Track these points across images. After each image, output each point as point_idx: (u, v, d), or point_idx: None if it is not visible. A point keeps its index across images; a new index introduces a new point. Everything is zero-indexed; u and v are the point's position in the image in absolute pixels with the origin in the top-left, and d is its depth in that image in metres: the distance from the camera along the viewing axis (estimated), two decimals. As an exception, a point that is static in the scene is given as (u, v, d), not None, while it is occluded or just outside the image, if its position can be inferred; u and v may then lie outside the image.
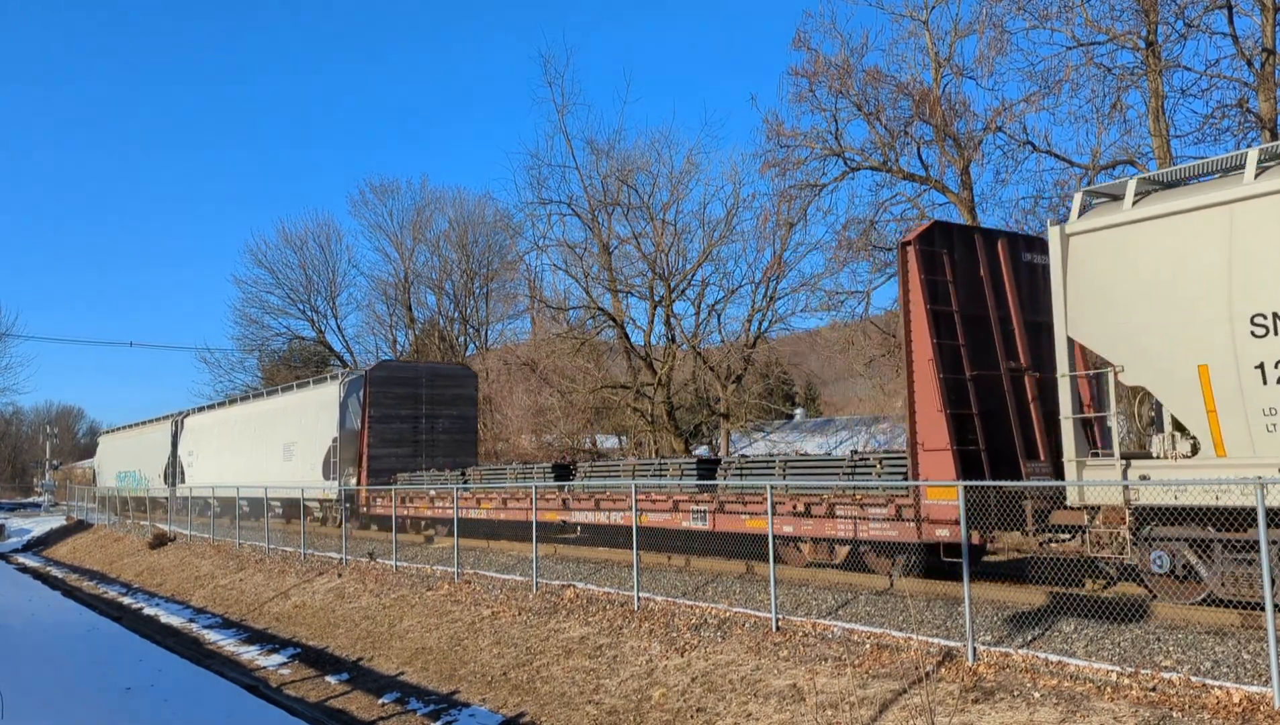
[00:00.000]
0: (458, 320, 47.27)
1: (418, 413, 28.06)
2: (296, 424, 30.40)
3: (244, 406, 36.32)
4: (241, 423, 35.14)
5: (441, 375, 29.51)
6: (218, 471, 34.97)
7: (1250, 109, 19.18)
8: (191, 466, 38.88)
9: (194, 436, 39.59)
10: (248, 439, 33.97)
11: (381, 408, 27.46)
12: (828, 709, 9.07)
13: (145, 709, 11.66)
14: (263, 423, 33.12)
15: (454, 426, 29.04)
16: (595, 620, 13.39)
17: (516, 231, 41.56)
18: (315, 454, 28.68)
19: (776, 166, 26.39)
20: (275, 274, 50.40)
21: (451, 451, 28.42)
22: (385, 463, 27.05)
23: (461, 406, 29.51)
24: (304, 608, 19.08)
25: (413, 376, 28.57)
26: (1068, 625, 10.12)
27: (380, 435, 27.43)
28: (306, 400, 30.41)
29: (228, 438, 36.07)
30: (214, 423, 37.89)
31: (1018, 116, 22.53)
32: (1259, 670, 8.20)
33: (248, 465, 32.37)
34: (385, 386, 27.70)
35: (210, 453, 37.21)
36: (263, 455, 32.04)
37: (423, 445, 28.04)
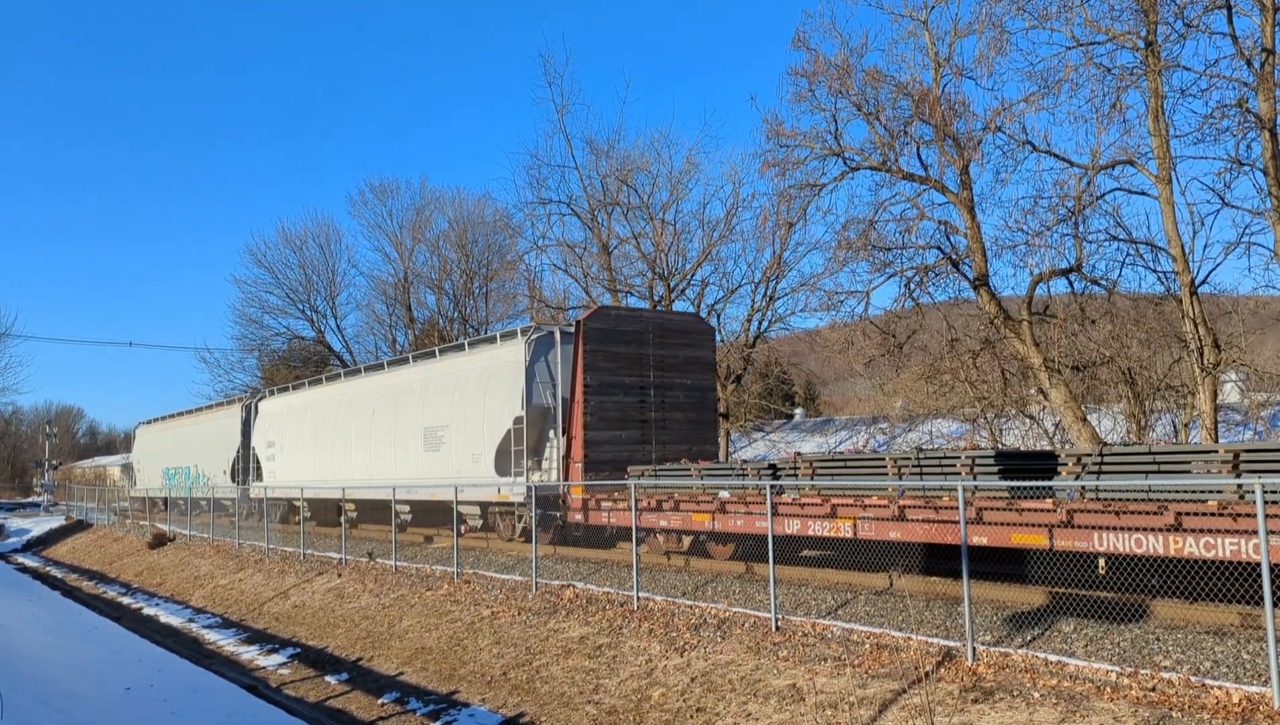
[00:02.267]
0: (457, 320, 47.25)
1: (644, 381, 19.93)
2: (447, 401, 23.00)
3: (354, 382, 28.86)
4: (351, 404, 27.69)
5: (672, 330, 20.76)
6: (312, 466, 28.85)
7: (1250, 109, 19.17)
8: (272, 460, 31.93)
9: (274, 424, 32.57)
10: (361, 424, 26.75)
11: (600, 373, 19.13)
12: (827, 709, 9.06)
13: (145, 709, 11.65)
14: (388, 402, 25.66)
15: (689, 401, 20.71)
16: (595, 620, 13.39)
17: (516, 231, 41.57)
18: (482, 441, 21.35)
19: (776, 166, 26.34)
20: (275, 274, 50.38)
21: (687, 437, 20.44)
22: (606, 452, 18.98)
23: (696, 373, 20.98)
24: (303, 608, 19.07)
25: (638, 330, 19.99)
26: (1067, 625, 10.12)
27: (600, 412, 19.12)
28: (465, 368, 22.89)
29: (328, 424, 28.80)
30: (305, 405, 30.61)
31: (1017, 116, 22.51)
32: (1259, 670, 8.20)
33: (366, 458, 26.17)
34: (605, 343, 19.17)
35: (299, 443, 30.31)
36: (388, 444, 25.14)
37: (651, 427, 19.94)
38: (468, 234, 47.22)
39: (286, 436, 31.27)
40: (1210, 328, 19.64)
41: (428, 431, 23.32)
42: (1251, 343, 21.66)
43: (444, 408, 22.84)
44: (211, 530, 31.33)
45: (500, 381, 21.06)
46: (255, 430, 34.03)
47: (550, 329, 20.81)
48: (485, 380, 21.62)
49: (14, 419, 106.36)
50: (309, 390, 31.57)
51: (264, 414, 33.87)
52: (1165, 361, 22.27)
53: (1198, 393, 19.58)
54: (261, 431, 33.47)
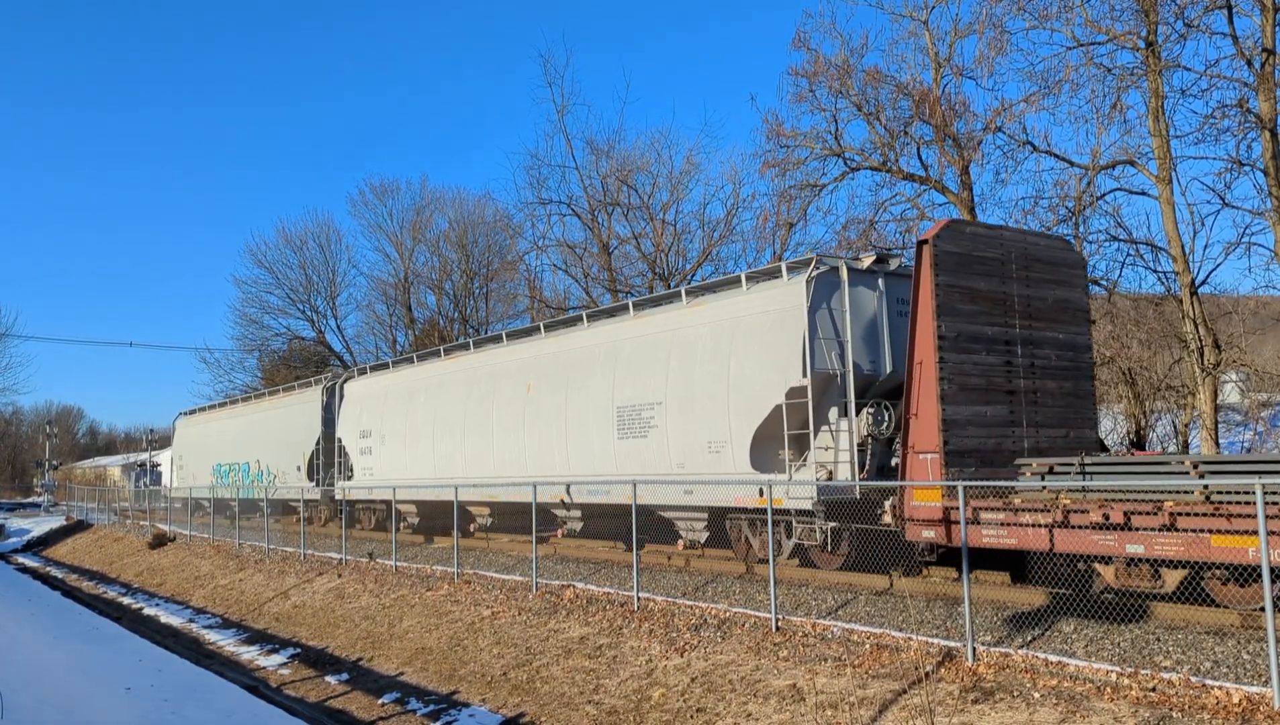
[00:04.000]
0: (457, 320, 47.22)
1: (1008, 332, 13.35)
2: (657, 370, 16.74)
3: (492, 353, 22.11)
4: (491, 381, 21.49)
5: (1038, 259, 13.98)
6: (430, 460, 22.94)
7: (1250, 109, 19.18)
8: (368, 454, 25.84)
9: (369, 409, 26.23)
10: (509, 405, 20.40)
11: (957, 320, 12.73)
12: (827, 709, 9.06)
13: (145, 709, 11.66)
14: (552, 375, 19.47)
15: (1062, 364, 14.05)
16: (595, 620, 13.39)
17: (516, 231, 41.54)
18: (726, 423, 15.29)
19: (776, 166, 26.39)
20: (275, 274, 50.34)
21: (1062, 416, 13.90)
22: (968, 438, 12.59)
23: (1069, 324, 14.28)
24: (304, 608, 19.07)
25: (998, 257, 13.44)
26: (1067, 625, 10.12)
27: (960, 378, 12.61)
28: (688, 324, 16.66)
29: (454, 406, 22.36)
30: (417, 385, 24.55)
31: (1017, 116, 22.53)
32: (1259, 670, 8.20)
33: (516, 449, 20.05)
34: (962, 275, 12.93)
35: (410, 432, 24.01)
36: (554, 430, 18.95)
37: (1020, 402, 13.34)
38: (468, 234, 47.22)
39: (390, 424, 24.96)
40: (1210, 328, 19.65)
41: (624, 412, 17.16)
42: (1252, 343, 21.67)
43: (652, 379, 16.73)
44: (212, 530, 31.33)
45: (756, 339, 15.03)
46: (342, 418, 27.53)
47: (834, 262, 14.79)
48: (728, 338, 15.54)
49: (14, 419, 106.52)
50: (420, 366, 25.05)
51: (353, 398, 27.39)
52: (1165, 361, 22.29)
53: (1198, 393, 19.59)
54: (351, 419, 26.92)
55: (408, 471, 23.64)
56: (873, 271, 15.02)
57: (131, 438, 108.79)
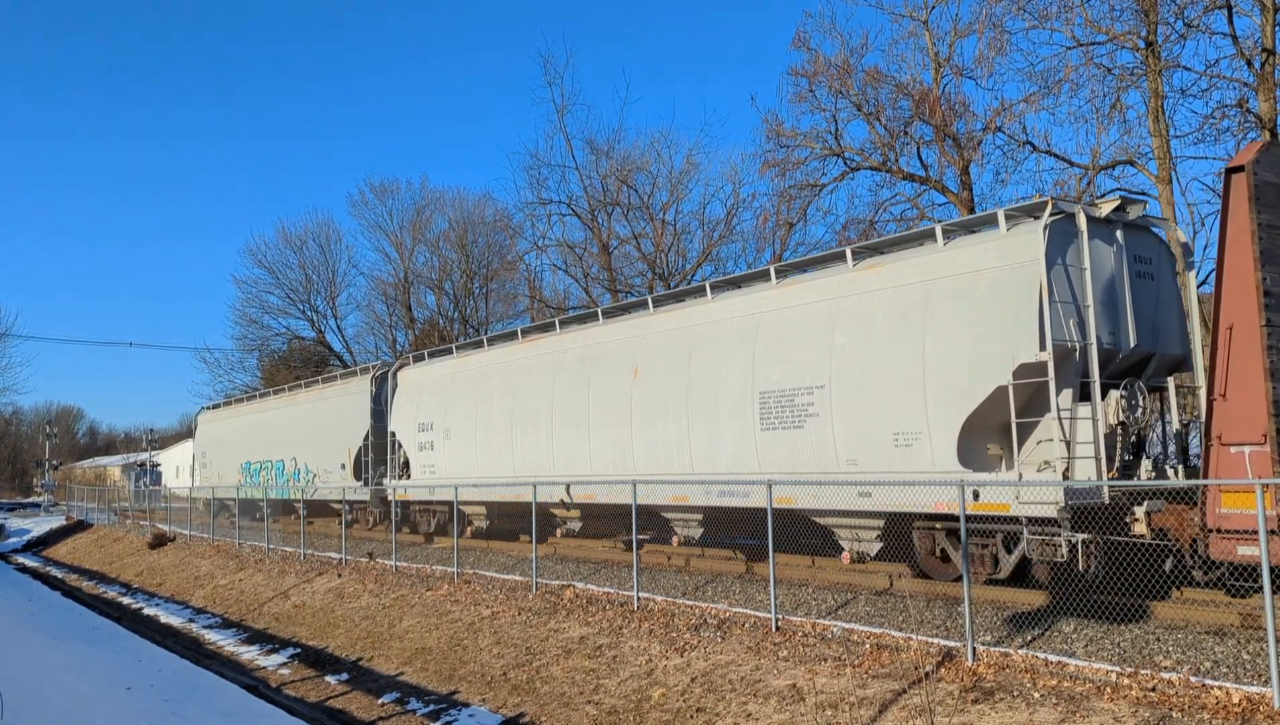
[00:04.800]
0: (457, 320, 47.23)
1: None
2: (813, 346, 14.07)
3: (584, 333, 19.34)
4: (583, 364, 18.66)
5: None
6: (509, 457, 20.09)
7: (1250, 109, 19.19)
8: (429, 449, 22.89)
9: (429, 400, 23.38)
10: (609, 391, 17.62)
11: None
12: (827, 709, 9.06)
13: (145, 709, 11.65)
14: (668, 355, 16.70)
15: None
16: (595, 620, 13.39)
17: (516, 231, 41.53)
18: (923, 409, 12.52)
19: (776, 166, 26.43)
20: (275, 274, 50.34)
21: None
22: None
23: None
24: (304, 608, 19.07)
25: None
26: (1067, 625, 10.12)
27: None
28: (855, 290, 13.87)
29: (537, 394, 19.53)
30: (487, 371, 21.59)
31: (1017, 116, 22.56)
32: (1259, 670, 8.20)
33: (616, 443, 17.28)
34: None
35: (481, 424, 21.11)
36: (671, 418, 16.27)
37: None
38: (468, 234, 47.22)
39: (455, 416, 22.07)
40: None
41: (769, 399, 14.46)
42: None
43: (808, 358, 13.95)
44: (212, 530, 31.32)
45: (965, 305, 12.23)
46: (396, 410, 24.65)
47: (1070, 208, 12.04)
48: (920, 306, 12.65)
49: (14, 419, 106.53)
50: (491, 350, 22.14)
51: (410, 388, 24.48)
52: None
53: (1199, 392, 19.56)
54: (407, 411, 24.08)
55: (479, 469, 20.84)
56: (1110, 222, 12.28)
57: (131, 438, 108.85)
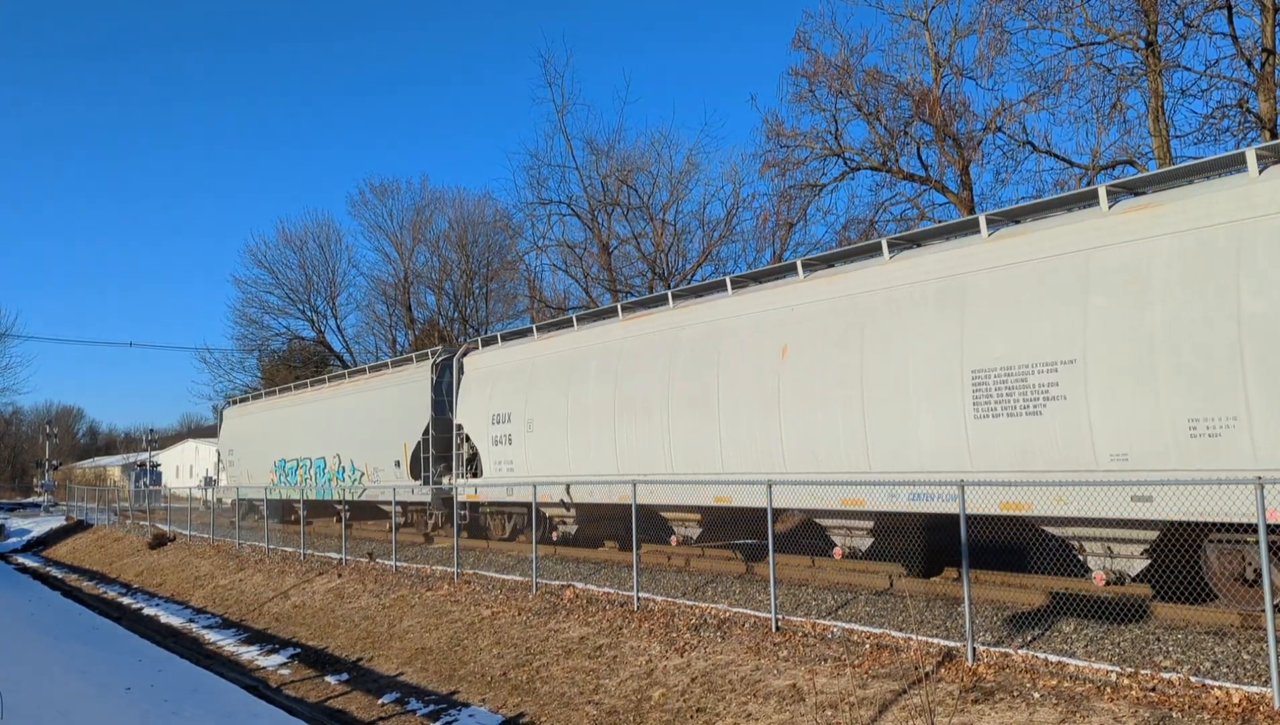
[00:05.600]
0: (457, 320, 47.23)
1: None
2: (1063, 307, 11.26)
3: (708, 307, 16.31)
4: (708, 341, 15.81)
5: None
6: (630, 448, 16.87)
7: (1250, 109, 19.19)
8: (505, 443, 20.15)
9: (507, 386, 20.50)
10: (750, 373, 14.83)
11: None
12: (827, 709, 9.06)
13: (145, 709, 11.66)
14: (837, 330, 13.77)
15: None
16: (595, 620, 13.39)
17: (516, 231, 41.51)
18: (1253, 393, 9.60)
19: (776, 166, 26.44)
20: (275, 274, 50.30)
21: None
22: None
23: None
24: (304, 608, 19.07)
25: None
26: (1067, 625, 10.12)
27: None
28: (1178, 227, 10.46)
29: (658, 377, 16.53)
30: (585, 352, 18.65)
31: (1018, 116, 22.56)
32: (1259, 670, 8.20)
33: (807, 430, 13.86)
34: None
35: (579, 414, 18.16)
36: (888, 406, 12.87)
37: None
38: (468, 234, 47.21)
39: (540, 406, 19.26)
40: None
41: (986, 378, 11.75)
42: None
43: (1047, 327, 11.30)
44: (212, 530, 31.32)
45: None
46: (463, 399, 22.03)
47: None
48: (1228, 258, 10.01)
49: (14, 419, 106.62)
50: (584, 330, 19.18)
51: (480, 375, 21.72)
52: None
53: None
54: (478, 401, 21.31)
55: (571, 465, 18.15)
56: None
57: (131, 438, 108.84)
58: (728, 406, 15.10)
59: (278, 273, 50.41)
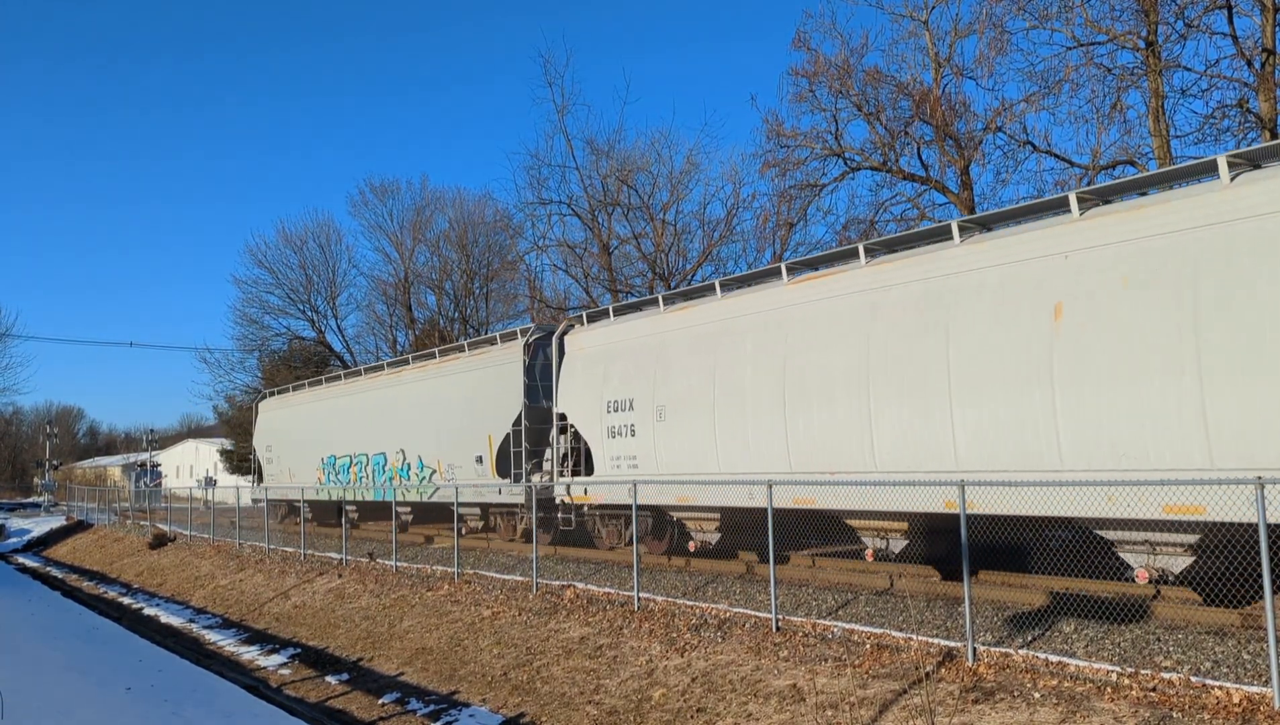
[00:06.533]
0: (457, 320, 47.23)
1: None
2: None
3: (936, 257, 12.96)
4: (937, 303, 12.62)
5: None
6: (804, 438, 14.04)
7: (1250, 109, 19.19)
8: (631, 434, 17.21)
9: (625, 368, 17.70)
10: (1012, 341, 11.64)
11: None
12: (828, 709, 9.06)
13: (145, 709, 11.66)
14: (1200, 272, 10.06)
15: None
16: (595, 620, 13.39)
17: (516, 231, 41.49)
18: None
19: (776, 166, 26.44)
20: (275, 274, 50.27)
21: None
22: None
23: None
24: (304, 608, 19.08)
25: None
26: (1068, 625, 10.12)
27: None
28: None
29: (853, 348, 13.50)
30: (734, 322, 15.71)
31: (1018, 116, 22.57)
32: (1259, 670, 8.19)
33: (1101, 412, 10.70)
34: None
35: (732, 398, 15.30)
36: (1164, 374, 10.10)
37: None
38: (468, 234, 47.21)
39: (674, 389, 16.40)
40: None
41: None
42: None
43: None
44: (212, 530, 31.32)
45: None
46: (565, 384, 19.11)
47: None
48: None
49: (14, 419, 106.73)
50: (729, 298, 16.21)
51: (588, 355, 18.76)
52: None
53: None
54: (585, 385, 18.52)
55: (720, 462, 15.36)
56: None
57: (131, 438, 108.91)
58: (964, 385, 11.99)
59: (278, 273, 50.40)
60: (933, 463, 12.24)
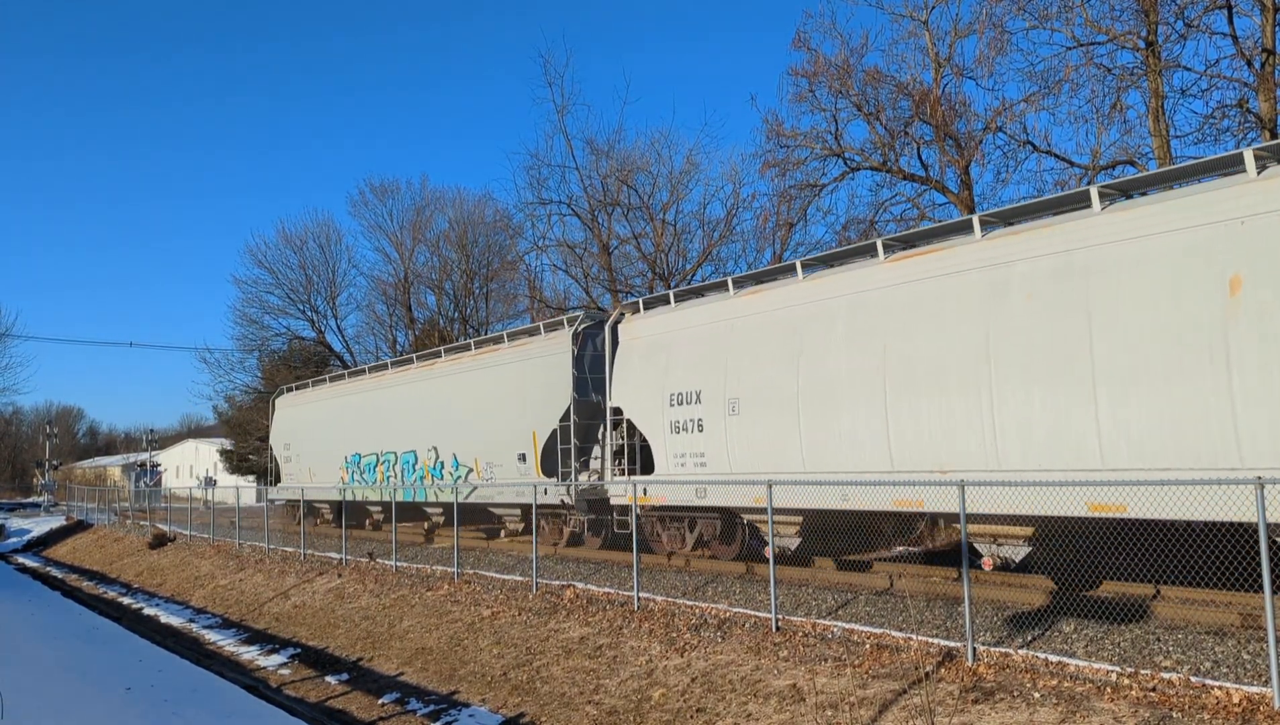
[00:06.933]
0: (457, 320, 47.22)
1: None
2: None
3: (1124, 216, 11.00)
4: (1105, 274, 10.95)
5: None
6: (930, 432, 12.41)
7: (1250, 109, 19.19)
8: (696, 431, 15.89)
9: (688, 358, 16.38)
10: None
11: None
12: (827, 709, 9.06)
13: (145, 709, 11.66)
14: None
15: None
16: (595, 620, 13.39)
17: (516, 231, 41.48)
18: None
19: (776, 166, 26.42)
20: (275, 274, 50.24)
21: None
22: None
23: None
24: (304, 608, 19.07)
25: None
26: (1068, 625, 10.12)
27: None
28: None
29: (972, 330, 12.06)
30: (831, 304, 14.23)
31: (1018, 116, 22.55)
32: (1259, 670, 8.20)
33: None
34: None
35: (811, 391, 14.07)
36: None
37: None
38: (468, 234, 47.20)
39: (747, 381, 15.02)
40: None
41: None
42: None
43: None
44: (212, 530, 31.32)
45: None
46: (620, 375, 17.79)
47: None
48: None
49: (14, 419, 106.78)
50: (809, 281, 14.79)
51: (646, 344, 17.41)
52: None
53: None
54: (643, 376, 17.22)
55: (805, 459, 13.94)
56: None
57: (131, 438, 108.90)
58: (1111, 372, 10.71)
59: (278, 273, 50.36)
60: (1069, 459, 10.97)
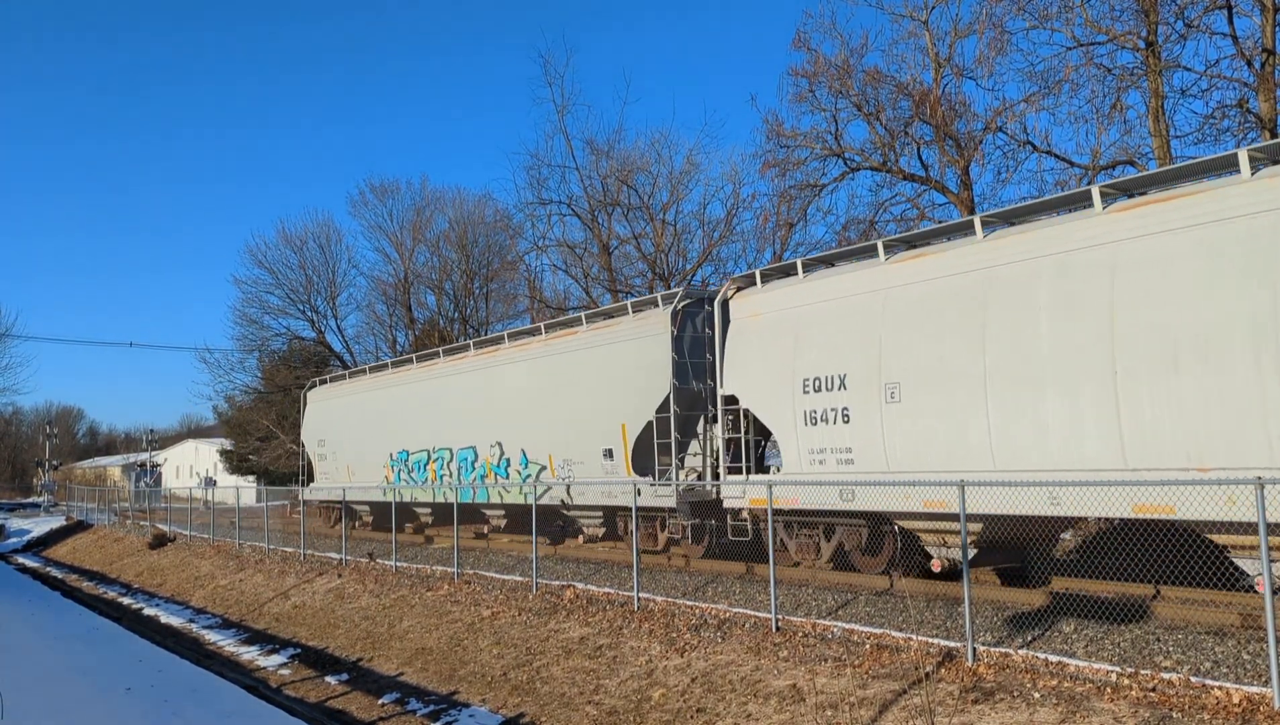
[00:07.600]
0: (457, 320, 47.20)
1: None
2: None
3: None
4: None
5: None
6: (1160, 418, 10.02)
7: (1250, 109, 19.17)
8: (840, 422, 13.50)
9: (823, 338, 13.99)
10: None
11: None
12: (827, 709, 9.06)
13: (145, 709, 11.66)
14: None
15: None
16: (595, 620, 13.39)
17: (516, 231, 41.47)
18: None
19: (776, 166, 26.41)
20: (275, 274, 50.17)
21: None
22: None
23: None
24: (304, 608, 19.07)
25: None
26: (1068, 625, 10.12)
27: None
28: None
29: (1243, 296, 9.40)
30: (1030, 270, 11.45)
31: (1018, 116, 22.54)
32: (1259, 670, 8.19)
33: None
34: None
35: (1000, 376, 11.51)
36: None
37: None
38: (468, 234, 47.18)
39: (908, 360, 12.68)
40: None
41: None
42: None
43: None
44: (212, 530, 31.32)
45: None
46: (733, 359, 15.58)
47: None
48: None
49: (14, 419, 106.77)
50: (991, 239, 12.27)
51: (764, 323, 15.16)
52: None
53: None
54: (765, 358, 14.97)
55: (995, 453, 11.55)
56: None
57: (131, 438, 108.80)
58: None
59: (278, 273, 50.30)
60: None
